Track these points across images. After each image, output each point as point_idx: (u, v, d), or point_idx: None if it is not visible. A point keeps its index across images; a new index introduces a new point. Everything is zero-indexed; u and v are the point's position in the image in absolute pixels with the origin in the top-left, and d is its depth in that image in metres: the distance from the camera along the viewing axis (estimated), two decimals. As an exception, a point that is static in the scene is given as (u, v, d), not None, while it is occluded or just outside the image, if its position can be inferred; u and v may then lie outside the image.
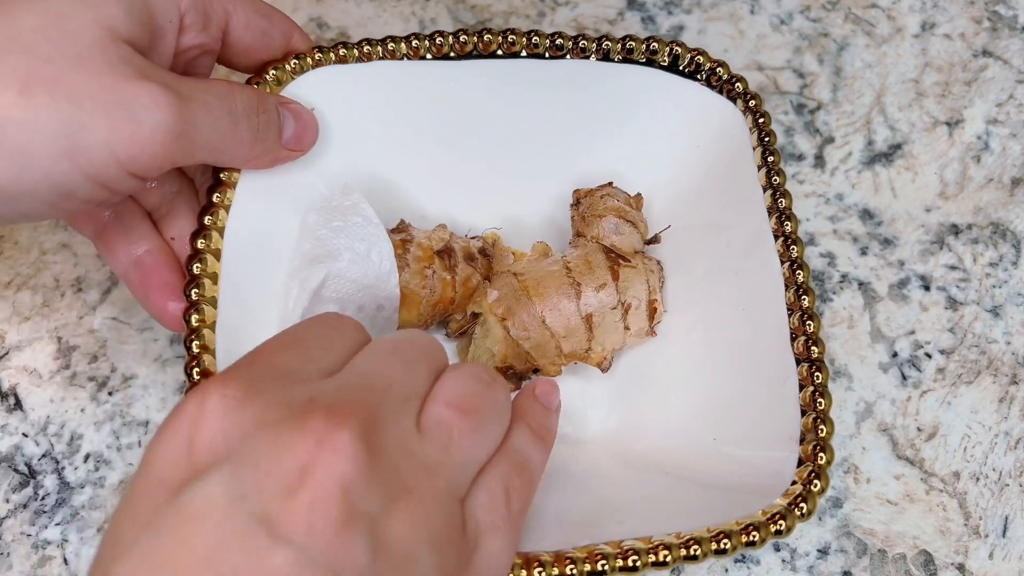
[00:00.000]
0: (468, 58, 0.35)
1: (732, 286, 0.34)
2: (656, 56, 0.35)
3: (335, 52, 0.34)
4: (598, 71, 0.35)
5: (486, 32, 0.35)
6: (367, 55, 0.34)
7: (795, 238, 0.32)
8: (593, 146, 0.37)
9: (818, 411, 0.29)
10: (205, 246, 0.31)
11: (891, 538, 0.34)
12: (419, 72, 0.35)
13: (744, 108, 0.35)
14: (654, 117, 0.36)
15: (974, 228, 0.40)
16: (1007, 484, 0.35)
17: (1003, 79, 0.44)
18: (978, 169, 0.42)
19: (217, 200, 0.32)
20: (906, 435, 0.36)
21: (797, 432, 0.29)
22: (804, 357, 0.30)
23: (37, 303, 0.38)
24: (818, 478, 0.28)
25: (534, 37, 0.35)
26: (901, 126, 0.43)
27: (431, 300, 0.34)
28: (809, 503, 0.27)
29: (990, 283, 0.39)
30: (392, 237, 0.34)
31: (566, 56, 0.35)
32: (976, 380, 0.37)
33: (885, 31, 0.45)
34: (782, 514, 0.27)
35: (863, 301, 0.39)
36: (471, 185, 0.37)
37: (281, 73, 0.34)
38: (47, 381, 0.36)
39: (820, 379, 0.30)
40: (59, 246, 0.39)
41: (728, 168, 0.35)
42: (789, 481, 0.28)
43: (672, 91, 0.35)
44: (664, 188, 0.37)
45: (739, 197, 0.34)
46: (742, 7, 0.45)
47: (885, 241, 0.40)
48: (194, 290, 0.30)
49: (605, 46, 0.35)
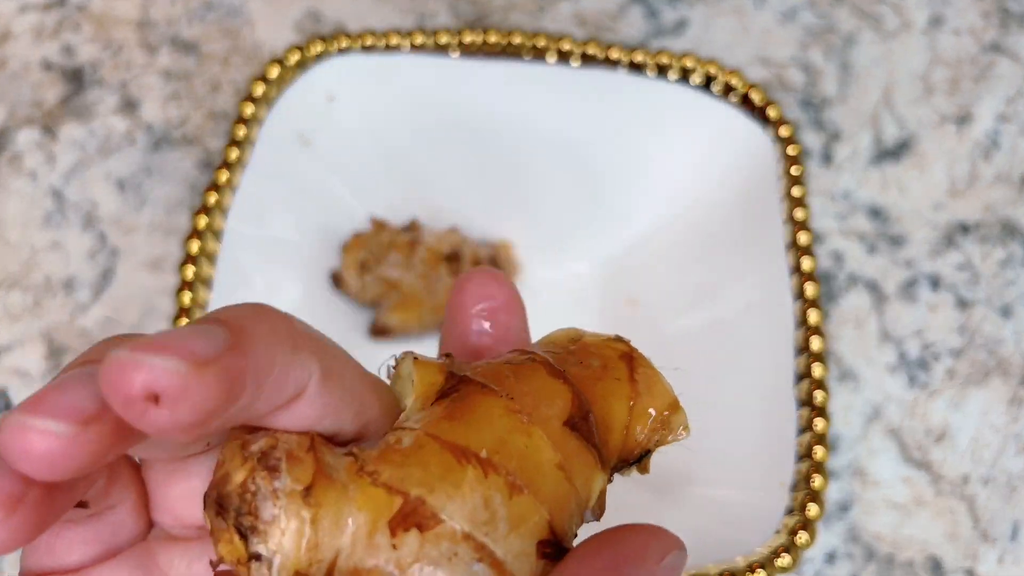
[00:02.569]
0: (492, 58, 0.34)
1: (741, 320, 0.33)
2: (691, 75, 0.34)
3: (362, 40, 0.33)
4: (628, 84, 0.34)
5: (517, 34, 0.34)
6: (395, 47, 0.34)
7: (811, 276, 0.31)
8: (614, 158, 0.36)
9: (814, 461, 0.28)
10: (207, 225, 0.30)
11: (899, 543, 0.34)
12: (443, 70, 0.34)
13: (775, 136, 0.34)
14: (680, 136, 0.35)
15: (983, 226, 0.40)
16: (1016, 487, 0.35)
17: (1013, 75, 0.43)
18: (987, 166, 0.41)
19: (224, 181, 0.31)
20: (914, 438, 0.36)
21: (789, 479, 0.29)
22: (807, 402, 0.29)
23: (28, 303, 0.37)
24: (804, 530, 0.27)
25: (564, 43, 0.34)
26: (909, 122, 0.42)
27: (433, 304, 0.34)
28: (792, 554, 0.27)
29: (999, 283, 0.39)
30: (401, 236, 0.34)
31: (595, 65, 0.34)
32: (985, 381, 0.37)
33: (893, 26, 0.44)
34: (762, 563, 0.27)
35: (871, 301, 0.38)
36: (488, 187, 0.36)
37: (304, 57, 0.33)
38: (38, 382, 0.35)
39: (820, 427, 0.29)
40: (50, 245, 0.38)
41: (751, 196, 0.34)
42: (774, 529, 0.28)
43: (702, 111, 0.34)
44: (684, 212, 0.36)
45: (758, 230, 0.33)
46: (747, 1, 0.44)
47: (893, 240, 0.39)
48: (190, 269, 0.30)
49: (640, 59, 0.34)
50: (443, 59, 0.34)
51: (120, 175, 0.40)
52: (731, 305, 0.34)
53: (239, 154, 0.32)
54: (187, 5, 0.44)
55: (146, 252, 0.38)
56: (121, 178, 0.40)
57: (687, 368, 0.33)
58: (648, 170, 0.36)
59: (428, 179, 0.36)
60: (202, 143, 0.40)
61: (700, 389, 0.33)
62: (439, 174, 0.36)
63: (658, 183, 0.36)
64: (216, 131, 0.41)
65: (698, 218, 0.35)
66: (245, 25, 0.43)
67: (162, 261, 0.38)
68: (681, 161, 0.35)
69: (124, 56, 0.42)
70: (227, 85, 0.42)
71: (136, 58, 0.42)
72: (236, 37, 0.43)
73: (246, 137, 0.32)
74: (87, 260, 0.38)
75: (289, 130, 0.34)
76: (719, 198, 0.35)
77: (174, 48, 0.43)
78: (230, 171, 0.31)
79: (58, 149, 0.40)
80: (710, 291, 0.34)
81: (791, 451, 0.29)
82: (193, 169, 0.40)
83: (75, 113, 0.41)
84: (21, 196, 0.39)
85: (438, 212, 0.36)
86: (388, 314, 0.34)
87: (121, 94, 0.41)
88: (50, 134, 0.40)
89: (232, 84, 0.42)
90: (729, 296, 0.34)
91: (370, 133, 0.34)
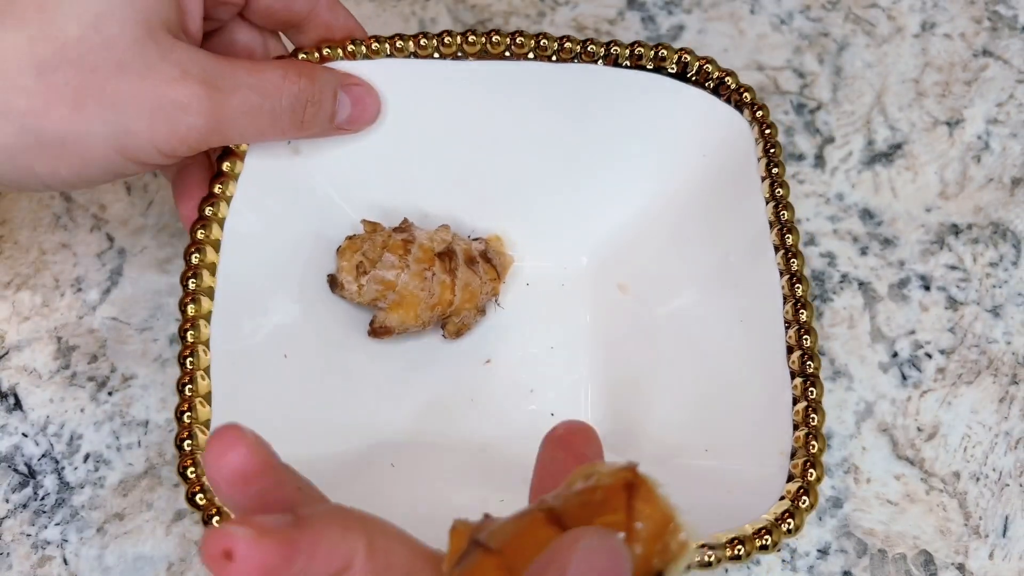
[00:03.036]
0: (476, 59, 0.35)
1: (731, 297, 0.34)
2: (664, 63, 0.35)
3: (343, 48, 0.34)
4: (606, 76, 0.35)
5: (495, 34, 0.35)
6: (375, 52, 0.34)
7: (796, 251, 0.32)
8: (598, 150, 0.37)
9: (811, 427, 0.29)
10: (204, 236, 0.31)
11: (891, 538, 0.34)
12: (426, 71, 0.35)
13: (751, 118, 0.34)
14: (660, 124, 0.36)
15: (974, 228, 0.40)
16: (1007, 484, 0.35)
17: (1003, 79, 0.44)
18: (978, 169, 0.42)
19: (219, 191, 0.32)
20: (906, 435, 0.36)
21: (789, 447, 0.29)
22: (800, 372, 0.30)
23: (37, 303, 0.38)
24: (807, 494, 0.28)
25: (542, 40, 0.35)
26: (901, 126, 0.43)
27: (430, 302, 0.34)
28: (796, 519, 0.27)
29: (990, 283, 0.39)
30: (394, 236, 0.34)
31: (574, 60, 0.35)
32: (976, 380, 0.37)
33: (885, 31, 0.45)
34: (768, 529, 0.27)
35: (863, 301, 0.39)
36: (475, 185, 0.37)
37: None
38: (47, 381, 0.36)
39: (815, 395, 0.29)
40: (59, 246, 0.39)
41: (732, 178, 0.35)
42: (778, 496, 0.28)
43: (679, 98, 0.35)
44: (669, 196, 0.37)
45: (741, 208, 0.34)
46: (742, 7, 0.45)
47: (885, 241, 0.40)
48: (191, 281, 0.30)
49: (614, 51, 0.35)
50: (425, 61, 0.35)
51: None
52: (720, 284, 0.34)
53: (230, 166, 0.33)
54: (193, 11, 0.44)
55: (153, 253, 0.39)
56: (128, 180, 0.40)
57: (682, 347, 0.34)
58: (632, 158, 0.36)
59: (415, 177, 0.37)
60: (207, 146, 0.41)
61: (697, 367, 0.34)
62: (426, 172, 0.37)
63: (643, 170, 0.36)
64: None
65: (684, 202, 0.36)
66: (249, 31, 0.44)
67: (169, 261, 0.39)
68: (663, 148, 0.36)
69: (131, 61, 0.43)
70: (232, 89, 0.42)
71: (143, 63, 0.43)
72: (241, 42, 0.44)
73: (236, 147, 0.33)
74: (95, 261, 0.38)
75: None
76: (703, 181, 0.36)
77: (180, 53, 0.43)
78: (223, 183, 0.32)
79: (66, 152, 0.41)
80: (700, 271, 0.35)
81: (788, 420, 0.30)
82: (199, 172, 0.41)
83: (83, 117, 0.42)
84: (30, 198, 0.40)
85: (428, 209, 0.37)
86: (386, 314, 0.35)
87: (128, 98, 0.42)
88: (58, 138, 0.41)
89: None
90: (718, 275, 0.34)
91: (358, 136, 0.35)
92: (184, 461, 0.28)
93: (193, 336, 0.30)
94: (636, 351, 0.36)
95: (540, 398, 0.36)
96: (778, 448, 0.29)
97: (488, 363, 0.36)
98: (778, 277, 0.32)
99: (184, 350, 0.30)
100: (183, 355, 0.30)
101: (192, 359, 0.30)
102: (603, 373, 0.36)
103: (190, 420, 0.29)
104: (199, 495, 0.28)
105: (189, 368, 0.29)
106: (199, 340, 0.30)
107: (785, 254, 0.32)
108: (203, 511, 0.27)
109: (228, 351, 0.31)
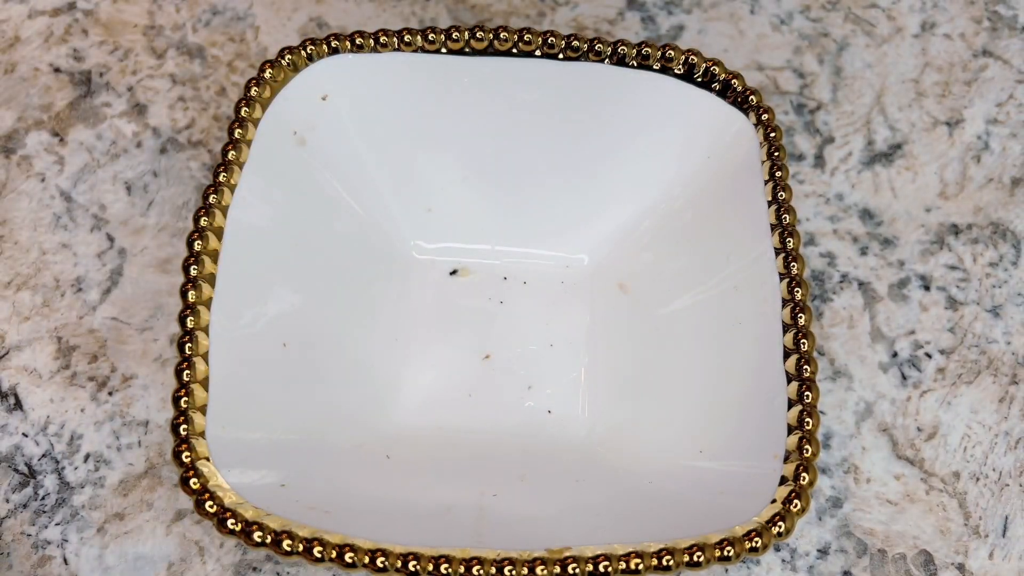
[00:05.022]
0: (481, 55, 0.35)
1: (730, 300, 0.34)
2: (671, 64, 0.35)
3: (351, 40, 0.34)
4: (612, 75, 0.35)
5: (502, 30, 0.35)
6: (383, 46, 0.34)
7: (796, 255, 0.32)
8: (602, 148, 0.37)
9: (805, 431, 0.29)
10: (208, 223, 0.31)
11: (891, 538, 0.34)
12: (429, 66, 0.35)
13: (756, 121, 0.34)
14: (665, 124, 0.36)
15: (974, 228, 0.40)
16: (1007, 484, 0.35)
17: (1003, 79, 0.44)
18: (978, 169, 0.42)
19: (223, 179, 0.32)
20: (906, 435, 0.36)
21: (782, 450, 0.29)
22: (796, 375, 0.30)
23: (37, 303, 0.38)
24: (799, 498, 0.28)
25: (550, 38, 0.35)
26: (901, 126, 0.43)
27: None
28: (787, 522, 0.27)
29: (990, 283, 0.39)
30: None
31: (581, 59, 0.35)
32: (976, 380, 0.37)
33: (885, 31, 0.45)
34: (759, 531, 0.27)
35: (863, 301, 0.39)
36: (479, 180, 0.37)
37: (296, 58, 0.34)
38: (47, 381, 0.36)
39: (810, 399, 0.29)
40: (59, 246, 0.39)
41: (735, 180, 0.35)
42: (769, 499, 0.28)
43: (685, 99, 0.35)
44: (672, 196, 0.37)
45: (743, 210, 0.34)
46: (742, 7, 0.45)
47: (885, 241, 0.40)
48: (193, 267, 0.30)
49: (621, 51, 0.35)
50: (430, 56, 0.35)
51: (128, 177, 0.40)
52: (720, 286, 0.34)
53: (235, 154, 0.32)
54: (193, 11, 0.44)
55: (153, 253, 0.39)
56: (129, 180, 0.40)
57: (680, 348, 0.34)
58: (636, 157, 0.36)
59: (420, 171, 0.37)
60: (208, 146, 0.41)
61: (694, 368, 0.34)
62: (431, 167, 0.37)
63: (646, 170, 0.36)
64: (222, 134, 0.41)
65: (687, 203, 0.36)
66: (250, 31, 0.44)
67: (169, 261, 0.39)
68: (667, 148, 0.36)
69: (131, 61, 0.43)
70: (233, 89, 0.42)
71: (143, 63, 0.43)
72: (241, 42, 0.44)
73: (242, 136, 0.33)
74: (95, 261, 0.38)
75: (284, 129, 0.35)
76: (706, 182, 0.36)
77: (181, 53, 0.43)
78: (227, 170, 0.32)
79: (67, 152, 0.41)
80: (700, 273, 0.35)
81: (783, 423, 0.30)
82: (199, 171, 0.41)
83: (83, 117, 0.42)
84: (30, 198, 0.40)
85: (432, 204, 0.37)
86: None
87: (129, 98, 0.42)
88: (59, 137, 0.41)
89: (238, 88, 0.42)
90: (718, 277, 0.34)
91: (361, 132, 0.35)
92: (179, 446, 0.28)
93: (193, 322, 0.30)
94: (635, 351, 0.36)
95: (538, 395, 0.36)
96: (772, 451, 0.29)
97: (487, 358, 0.36)
98: (778, 280, 0.32)
99: (183, 336, 0.30)
100: (182, 340, 0.30)
101: (191, 344, 0.30)
102: (601, 372, 0.36)
103: (187, 405, 0.29)
104: (193, 480, 0.28)
105: (188, 353, 0.29)
106: (198, 326, 0.30)
107: (785, 258, 0.32)
108: (196, 495, 0.27)
109: (228, 338, 0.31)
